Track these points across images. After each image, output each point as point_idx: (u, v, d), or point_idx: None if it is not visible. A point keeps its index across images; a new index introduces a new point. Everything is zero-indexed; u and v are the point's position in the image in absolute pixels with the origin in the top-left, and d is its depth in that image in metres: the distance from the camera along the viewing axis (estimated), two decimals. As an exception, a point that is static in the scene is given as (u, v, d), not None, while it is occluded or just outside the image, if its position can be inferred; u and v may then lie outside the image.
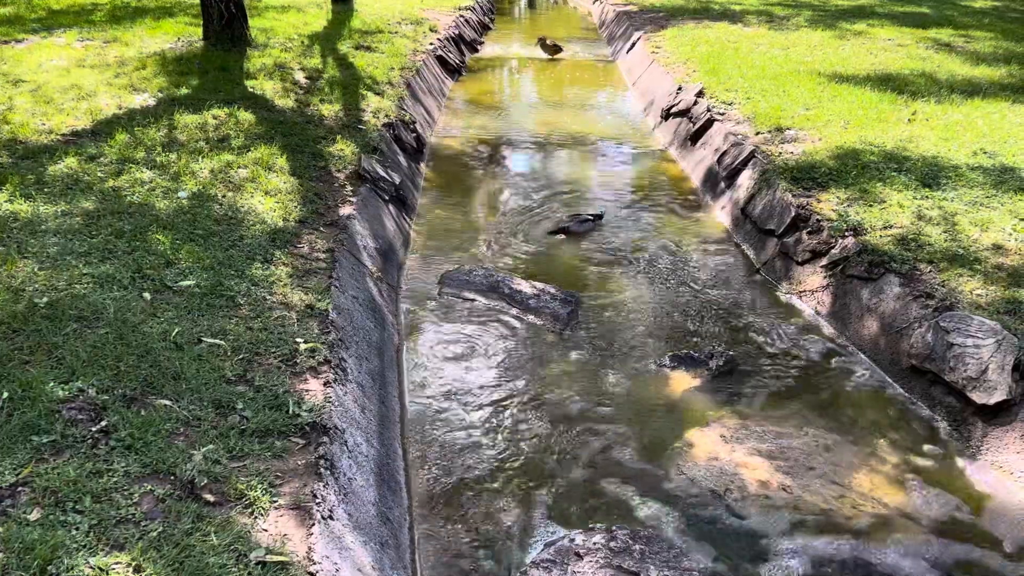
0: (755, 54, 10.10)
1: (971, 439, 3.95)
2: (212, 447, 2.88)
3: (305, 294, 4.11)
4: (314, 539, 2.61)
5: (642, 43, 12.00)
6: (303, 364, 3.53)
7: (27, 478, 2.60)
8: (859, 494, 3.63)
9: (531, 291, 5.20)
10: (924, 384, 4.29)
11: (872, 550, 3.32)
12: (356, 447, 3.32)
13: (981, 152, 6.40)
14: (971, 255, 4.83)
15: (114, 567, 2.30)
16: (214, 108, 6.61)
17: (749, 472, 3.73)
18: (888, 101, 7.82)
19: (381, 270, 5.24)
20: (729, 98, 8.33)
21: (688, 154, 8.03)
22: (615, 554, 3.12)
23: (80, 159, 5.31)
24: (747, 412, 4.19)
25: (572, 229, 6.33)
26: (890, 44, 10.78)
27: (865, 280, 4.91)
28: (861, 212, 5.45)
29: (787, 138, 7.00)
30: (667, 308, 5.25)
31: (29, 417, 2.85)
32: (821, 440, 3.99)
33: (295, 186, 5.43)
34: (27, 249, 4.08)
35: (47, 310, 3.53)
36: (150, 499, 2.60)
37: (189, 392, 3.16)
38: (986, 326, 4.10)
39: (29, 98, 6.48)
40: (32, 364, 3.16)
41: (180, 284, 3.95)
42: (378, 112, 7.61)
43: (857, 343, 4.78)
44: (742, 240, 6.26)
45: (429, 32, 12.05)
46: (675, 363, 4.56)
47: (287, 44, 9.34)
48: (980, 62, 9.69)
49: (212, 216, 4.73)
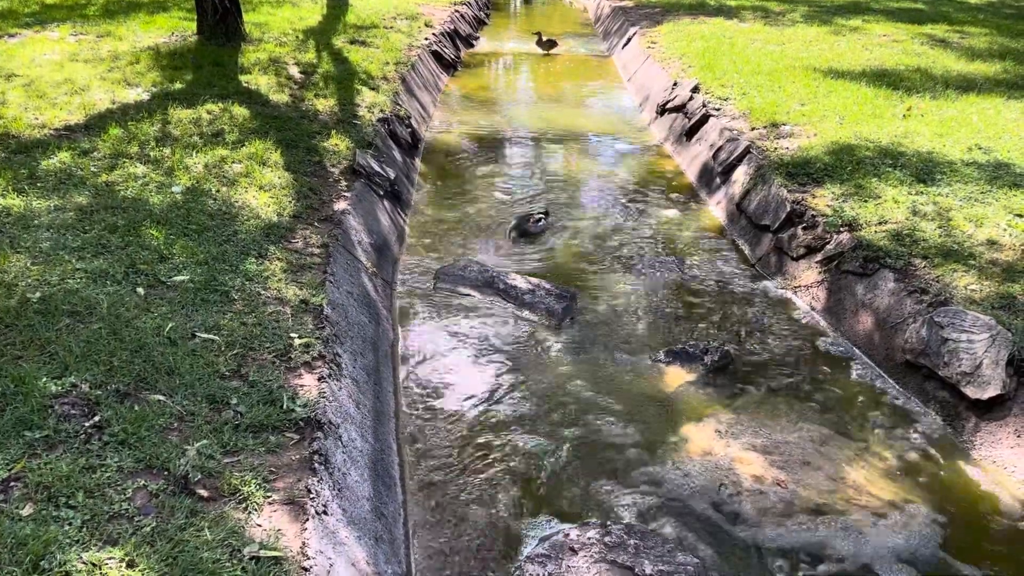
0: (750, 50, 10.10)
1: (965, 434, 3.96)
2: (206, 442, 2.87)
3: (299, 289, 4.10)
4: (308, 534, 2.60)
5: (638, 39, 11.99)
6: (297, 359, 3.52)
7: (20, 473, 2.59)
8: (853, 489, 3.64)
9: (526, 286, 5.19)
10: (918, 379, 4.30)
11: (866, 544, 3.32)
12: (350, 442, 3.31)
13: (976, 148, 6.41)
14: (966, 250, 4.84)
15: (107, 562, 2.29)
16: (208, 103, 6.59)
17: (744, 467, 3.74)
18: (883, 97, 7.82)
19: (376, 265, 5.23)
20: (725, 94, 8.32)
21: (683, 149, 8.03)
22: (610, 549, 3.12)
23: (73, 154, 5.29)
24: (742, 407, 4.20)
25: (530, 230, 6.20)
26: (885, 40, 10.79)
27: (860, 275, 4.91)
28: (856, 208, 5.45)
29: (782, 134, 7.00)
30: (662, 303, 5.25)
31: (22, 412, 2.84)
32: (815, 435, 3.99)
33: (289, 181, 5.42)
34: (20, 244, 4.06)
35: (40, 305, 3.51)
36: (143, 494, 2.59)
37: (183, 387, 3.15)
38: (980, 321, 4.11)
39: (22, 92, 6.45)
40: (25, 359, 3.15)
41: (174, 279, 3.94)
42: (373, 107, 7.59)
43: (852, 338, 4.79)
44: (737, 235, 6.27)
45: (424, 27, 12.03)
46: (670, 358, 4.57)
47: (282, 39, 9.31)
48: (975, 58, 9.70)
49: (206, 211, 4.72)
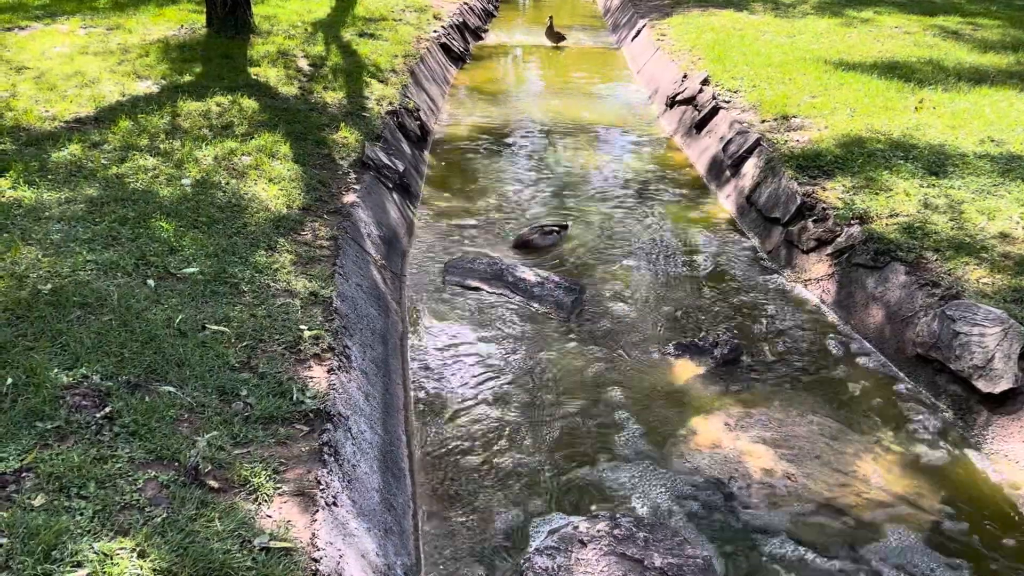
0: (760, 42, 10.03)
1: (976, 428, 3.94)
2: (216, 433, 2.88)
3: (309, 281, 4.11)
4: (318, 525, 2.61)
5: (647, 31, 11.93)
6: (307, 351, 3.53)
7: (32, 464, 2.60)
8: (863, 483, 3.62)
9: (535, 279, 5.19)
10: (929, 373, 4.28)
11: (875, 538, 3.31)
12: (360, 434, 3.31)
13: (988, 140, 6.36)
14: (978, 243, 4.80)
15: (118, 552, 2.30)
16: (217, 95, 6.59)
17: (753, 460, 3.73)
18: (895, 89, 7.76)
19: (385, 258, 5.23)
20: (734, 86, 8.28)
21: (693, 142, 7.99)
22: (619, 541, 3.12)
23: (83, 146, 5.30)
24: (751, 400, 4.18)
25: (536, 243, 5.79)
26: (897, 32, 10.70)
27: (870, 268, 4.89)
28: (867, 200, 5.42)
29: (793, 126, 6.96)
30: (671, 296, 5.24)
31: (33, 403, 2.86)
32: (825, 428, 3.98)
33: (298, 173, 5.42)
34: (31, 236, 4.07)
35: (51, 296, 3.53)
36: (154, 485, 2.60)
37: (193, 379, 3.16)
38: (992, 315, 4.08)
39: (32, 85, 6.47)
40: (36, 350, 3.16)
41: (184, 271, 3.95)
42: (382, 100, 7.58)
43: (862, 331, 4.76)
44: (747, 228, 6.24)
45: (433, 20, 11.99)
46: (679, 351, 4.55)
47: (290, 31, 9.30)
48: (988, 50, 9.61)
49: (215, 203, 4.72)
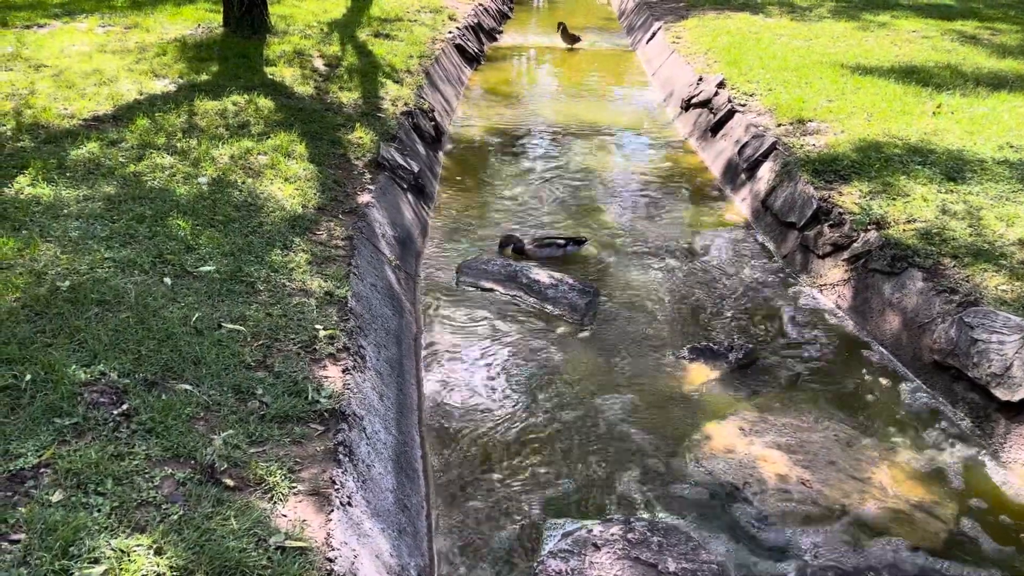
0: (777, 45, 9.99)
1: (994, 436, 3.90)
2: (232, 432, 2.89)
3: (324, 281, 4.12)
4: (333, 525, 2.61)
5: (662, 33, 11.91)
6: (322, 350, 3.54)
7: (50, 460, 2.61)
8: (879, 489, 3.60)
9: (549, 281, 5.18)
10: (946, 380, 4.24)
11: (891, 546, 3.29)
12: (374, 434, 3.32)
13: (1007, 146, 6.31)
14: (996, 250, 4.76)
15: (135, 549, 2.31)
16: (234, 94, 6.62)
17: (768, 465, 3.71)
18: (912, 94, 7.71)
19: (399, 258, 5.23)
20: (750, 89, 8.24)
21: (708, 145, 7.97)
22: (633, 545, 3.10)
23: (101, 144, 5.33)
24: (766, 405, 4.16)
25: (530, 252, 5.58)
26: (914, 36, 10.64)
27: (887, 274, 4.85)
28: (884, 205, 5.38)
29: (809, 130, 6.93)
30: (686, 300, 5.22)
31: (52, 399, 2.87)
32: (840, 435, 3.95)
33: (314, 173, 5.43)
34: (49, 233, 4.10)
35: (69, 294, 3.55)
36: (171, 483, 2.61)
37: (209, 377, 3.17)
38: (1012, 322, 4.05)
39: (51, 83, 6.51)
40: (55, 347, 3.18)
41: (200, 269, 3.96)
42: (397, 100, 7.59)
43: (878, 338, 4.73)
44: (762, 232, 6.21)
45: (448, 20, 12.00)
46: (694, 355, 4.54)
47: (306, 31, 9.33)
48: (1006, 55, 9.54)
49: (232, 202, 4.74)
